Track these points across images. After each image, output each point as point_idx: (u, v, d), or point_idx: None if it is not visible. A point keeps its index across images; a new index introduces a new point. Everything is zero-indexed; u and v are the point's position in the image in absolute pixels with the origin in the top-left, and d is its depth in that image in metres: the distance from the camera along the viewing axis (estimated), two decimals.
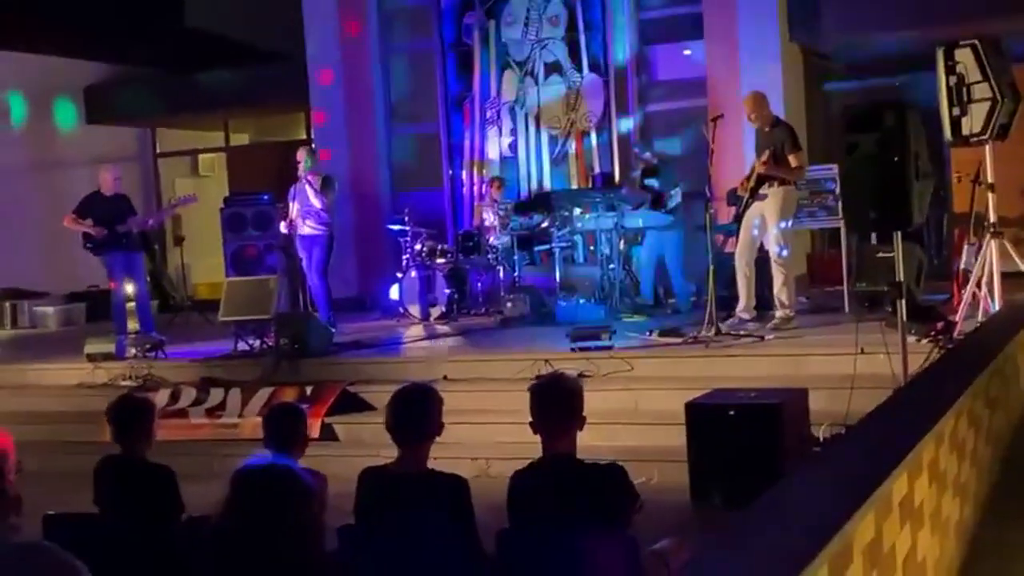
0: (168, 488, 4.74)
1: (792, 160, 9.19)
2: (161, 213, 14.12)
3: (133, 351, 10.54)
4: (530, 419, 4.14)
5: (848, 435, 4.27)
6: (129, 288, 11.80)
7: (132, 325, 11.79)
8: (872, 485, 2.77)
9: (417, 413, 4.19)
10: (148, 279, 12.67)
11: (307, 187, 11.20)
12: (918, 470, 3.35)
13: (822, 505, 2.67)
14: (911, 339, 7.49)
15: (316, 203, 11.19)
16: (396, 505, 3.97)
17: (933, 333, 7.77)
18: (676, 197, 11.37)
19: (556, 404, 4.10)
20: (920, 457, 3.39)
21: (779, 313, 9.33)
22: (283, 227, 11.53)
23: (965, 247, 9.46)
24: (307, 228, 11.32)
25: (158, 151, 18.75)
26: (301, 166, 11.28)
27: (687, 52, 13.54)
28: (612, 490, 3.88)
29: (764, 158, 9.14)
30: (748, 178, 9.35)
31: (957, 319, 8.02)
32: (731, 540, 2.35)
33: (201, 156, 19.01)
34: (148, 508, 4.61)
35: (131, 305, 11.95)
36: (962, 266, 9.39)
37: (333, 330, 10.59)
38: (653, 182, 11.60)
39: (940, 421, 3.65)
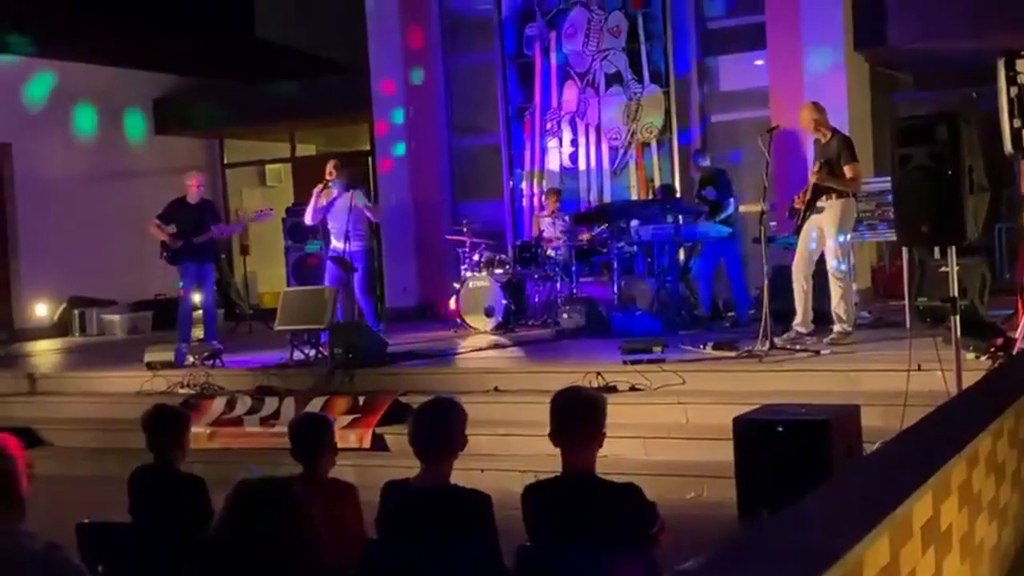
0: (199, 498, 4.76)
1: (848, 171, 9.05)
2: (239, 225, 14.29)
3: (192, 359, 10.66)
4: (549, 431, 4.06)
5: (871, 455, 4.17)
6: (196, 298, 11.95)
7: (196, 334, 11.94)
8: (886, 508, 2.68)
9: (440, 428, 4.14)
10: (215, 288, 12.80)
11: (350, 202, 11.19)
12: (945, 492, 3.25)
13: (829, 529, 2.59)
14: (968, 356, 7.32)
15: (373, 216, 11.26)
16: (417, 520, 3.94)
17: (992, 350, 7.59)
18: (730, 207, 11.28)
19: (576, 419, 4.01)
20: (948, 478, 3.28)
21: (837, 328, 9.18)
22: (309, 216, 11.50)
23: None
24: (343, 244, 11.29)
25: (226, 162, 18.98)
26: (333, 181, 11.27)
27: (759, 63, 13.39)
28: (627, 510, 3.79)
29: (816, 169, 9.03)
30: (805, 191, 9.22)
31: (1017, 335, 7.82)
32: (721, 567, 2.28)
33: (268, 167, 19.21)
34: (179, 518, 4.62)
35: (198, 314, 12.09)
36: None
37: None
38: (711, 192, 11.51)
39: (973, 441, 3.54)
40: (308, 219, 11.68)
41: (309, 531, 2.49)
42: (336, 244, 11.38)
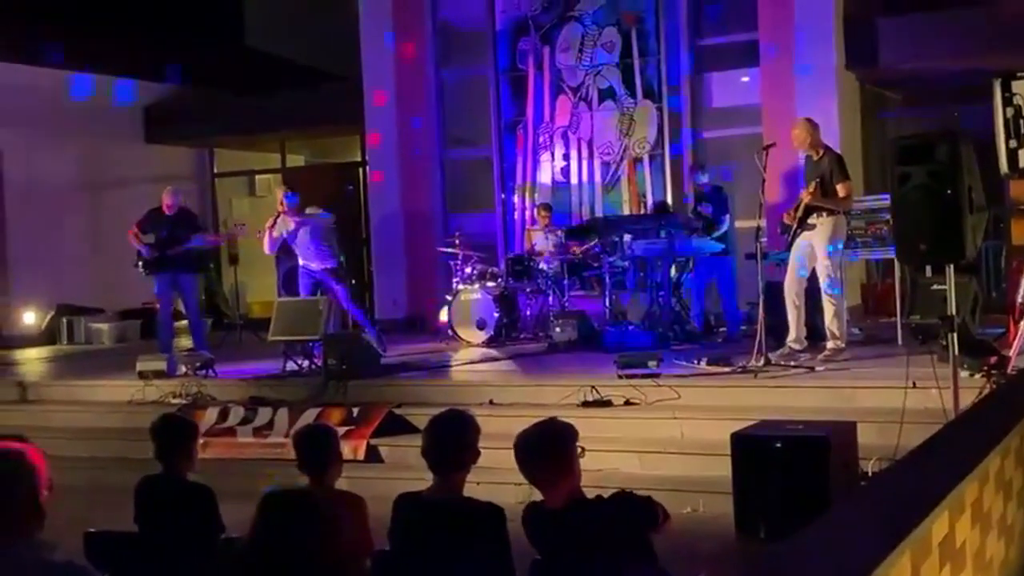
0: (207, 508, 4.75)
1: (840, 189, 9.09)
2: (216, 239, 14.24)
3: (184, 369, 10.64)
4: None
5: (887, 473, 4.21)
6: (175, 308, 11.89)
7: (184, 344, 11.90)
8: (910, 526, 2.71)
9: (454, 440, 4.16)
10: (203, 298, 12.75)
11: (311, 224, 11.14)
12: (960, 510, 3.28)
13: (856, 546, 2.62)
14: (963, 374, 7.37)
15: (328, 242, 11.19)
16: (431, 533, 3.94)
17: (986, 368, 7.65)
18: (724, 224, 11.34)
19: (537, 461, 3.93)
20: (962, 497, 3.32)
21: (830, 344, 9.22)
22: (267, 247, 11.36)
23: (1022, 281, 9.28)
24: (316, 264, 11.26)
25: (216, 171, 18.95)
26: (286, 206, 11.15)
27: (745, 79, 13.49)
28: (625, 518, 3.78)
29: (811, 188, 9.06)
30: (796, 208, 9.26)
31: (1011, 354, 7.88)
32: None
33: (258, 177, 19.17)
34: (187, 528, 4.62)
35: (183, 323, 12.03)
36: (1019, 300, 9.21)
37: (382, 352, 10.62)
38: (707, 208, 11.56)
39: (985, 460, 3.58)
40: (266, 250, 11.48)
41: (338, 542, 2.51)
42: (310, 264, 11.32)
